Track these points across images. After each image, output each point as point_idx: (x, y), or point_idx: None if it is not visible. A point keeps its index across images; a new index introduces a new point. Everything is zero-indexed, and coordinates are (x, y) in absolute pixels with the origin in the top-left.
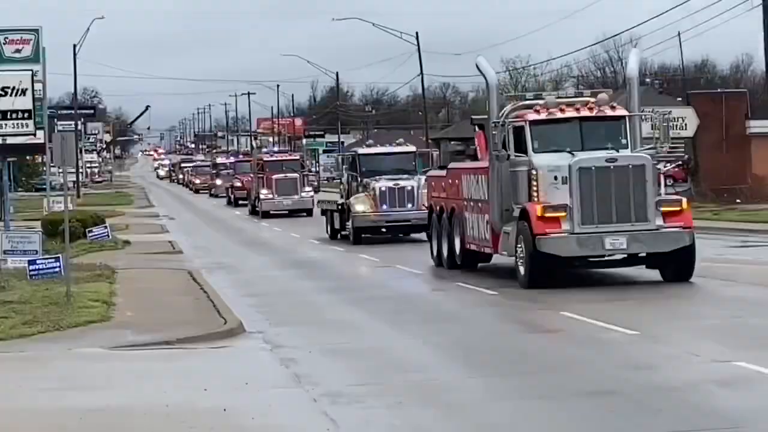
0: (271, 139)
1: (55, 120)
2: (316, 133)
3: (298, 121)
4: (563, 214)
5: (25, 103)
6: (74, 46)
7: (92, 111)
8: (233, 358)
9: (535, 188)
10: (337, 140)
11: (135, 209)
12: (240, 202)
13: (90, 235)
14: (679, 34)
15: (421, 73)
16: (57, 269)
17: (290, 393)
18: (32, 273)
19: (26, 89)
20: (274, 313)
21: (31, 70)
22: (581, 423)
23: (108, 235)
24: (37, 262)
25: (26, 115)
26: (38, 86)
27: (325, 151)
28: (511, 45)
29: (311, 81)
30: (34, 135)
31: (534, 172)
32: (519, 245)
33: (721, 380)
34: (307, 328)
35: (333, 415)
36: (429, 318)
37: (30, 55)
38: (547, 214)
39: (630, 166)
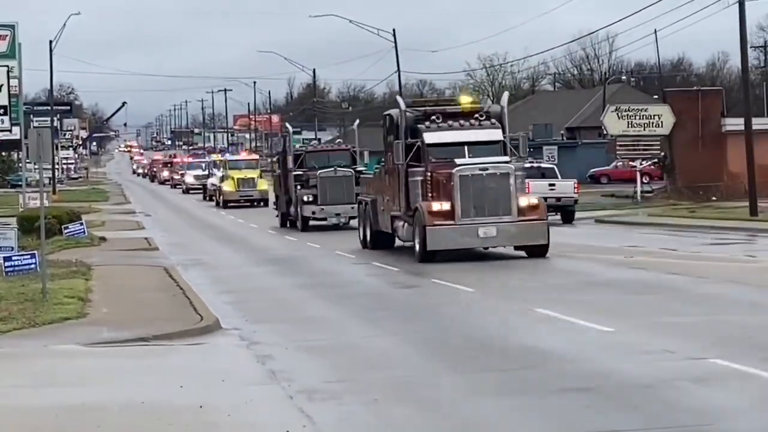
0: (247, 136)
1: (31, 116)
2: (293, 129)
3: (275, 118)
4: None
5: (0, 99)
6: (50, 42)
7: (68, 107)
8: (209, 354)
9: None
10: (314, 137)
11: (111, 206)
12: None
13: (66, 231)
14: (655, 31)
15: (398, 70)
16: (32, 266)
17: (266, 389)
18: (7, 269)
19: (1, 85)
20: (250, 309)
21: (7, 66)
22: (557, 419)
23: (84, 232)
24: (13, 258)
25: (1, 111)
26: (14, 82)
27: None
28: (488, 42)
29: (288, 78)
30: (10, 131)
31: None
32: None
33: (696, 377)
34: (283, 325)
35: (309, 412)
36: (404, 314)
37: (6, 51)
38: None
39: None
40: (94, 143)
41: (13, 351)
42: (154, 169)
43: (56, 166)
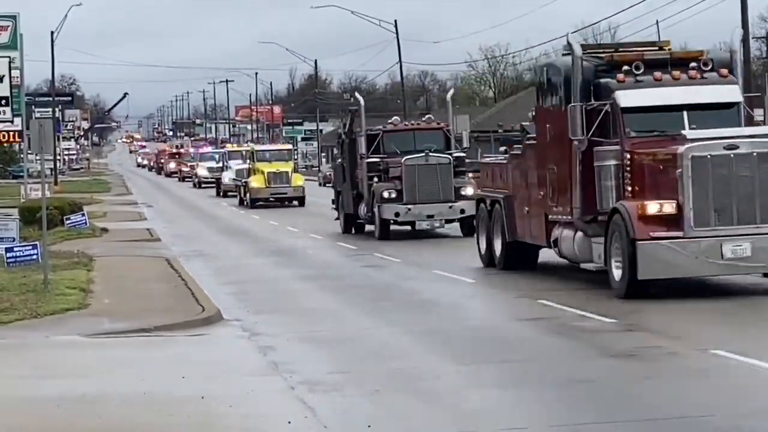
0: (249, 127)
1: (33, 107)
2: (295, 120)
3: (277, 109)
4: None
5: (2, 89)
6: (52, 32)
7: (70, 98)
8: (211, 345)
9: None
10: (315, 128)
11: (113, 197)
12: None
13: (67, 222)
14: (657, 22)
15: (400, 61)
16: (34, 256)
17: (268, 381)
18: (9, 260)
19: (3, 76)
20: (252, 300)
21: (9, 56)
22: (559, 411)
23: (86, 223)
24: (15, 249)
25: (3, 102)
26: (15, 73)
27: (303, 139)
28: (490, 33)
29: (290, 69)
30: (12, 122)
31: None
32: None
33: (699, 368)
34: (285, 316)
35: (311, 403)
36: (407, 306)
37: (7, 42)
38: None
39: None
40: (96, 134)
41: (15, 342)
42: (161, 161)
43: (58, 157)
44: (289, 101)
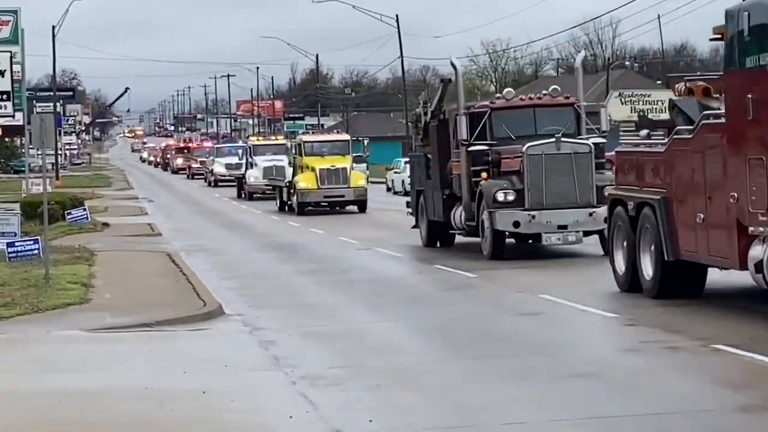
0: (250, 122)
1: (34, 102)
2: (296, 115)
3: (278, 104)
4: None
5: (3, 84)
6: (53, 27)
7: (71, 93)
8: (212, 340)
9: None
10: (317, 123)
11: (114, 191)
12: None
13: (69, 217)
14: (659, 16)
15: (401, 55)
16: (36, 251)
17: (269, 375)
18: (11, 255)
19: (4, 70)
20: (253, 295)
21: (10, 51)
22: (561, 405)
23: (87, 217)
24: (16, 244)
25: (5, 96)
26: (17, 68)
27: (304, 134)
28: (491, 28)
29: (291, 63)
30: (13, 117)
31: None
32: None
33: (702, 363)
34: (286, 311)
35: (312, 398)
36: (408, 301)
37: (9, 37)
38: None
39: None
40: (97, 129)
41: (16, 336)
42: (167, 157)
43: (59, 152)
44: (290, 96)
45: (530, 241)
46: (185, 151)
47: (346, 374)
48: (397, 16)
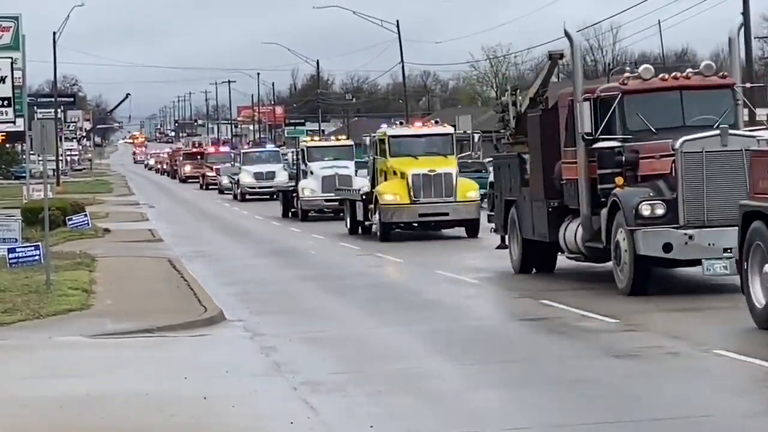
0: (251, 128)
1: (35, 108)
2: (297, 121)
3: (279, 110)
4: None
5: (4, 90)
6: (54, 33)
7: (72, 99)
8: (213, 346)
9: None
10: (317, 128)
11: (115, 197)
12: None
13: (70, 223)
14: (659, 22)
15: (402, 61)
16: (37, 257)
17: (270, 381)
18: (12, 261)
19: (5, 77)
20: (254, 301)
21: (11, 57)
22: (561, 410)
23: (88, 223)
24: (17, 250)
25: (5, 102)
26: (18, 74)
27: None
28: (492, 33)
29: (292, 69)
30: (14, 123)
31: None
32: None
33: (701, 368)
34: (287, 317)
35: (313, 403)
36: (410, 306)
37: (10, 43)
38: None
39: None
40: (98, 135)
41: (17, 342)
42: (175, 163)
43: (60, 158)
44: (291, 101)
45: (681, 264)
46: (198, 157)
47: (347, 380)
48: (397, 21)
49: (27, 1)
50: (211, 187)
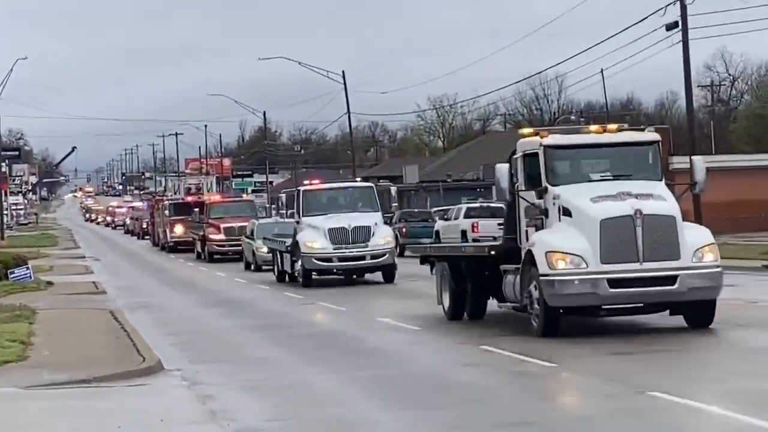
0: (202, 180)
1: None
2: (245, 173)
3: (227, 161)
4: None
5: None
6: None
7: (17, 153)
8: (150, 395)
9: None
10: (265, 180)
11: (60, 250)
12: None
13: (11, 276)
14: (602, 71)
15: (348, 112)
16: None
17: (205, 429)
18: None
19: None
20: (194, 350)
21: None
22: None
23: (30, 276)
24: None
25: None
26: None
27: (253, 191)
28: (437, 83)
29: (239, 120)
30: None
31: None
32: None
33: (636, 410)
34: (227, 366)
35: None
36: (350, 353)
37: None
38: None
39: None
40: (45, 189)
41: None
42: (154, 220)
43: (5, 212)
44: (239, 153)
45: None
46: (193, 210)
47: (283, 426)
48: (343, 72)
49: None
50: (217, 257)
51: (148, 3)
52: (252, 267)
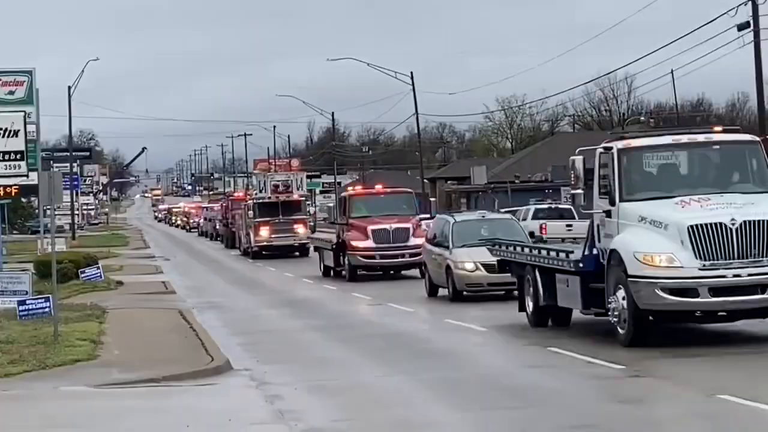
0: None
1: (52, 162)
2: (313, 173)
3: (295, 162)
4: None
5: (17, 144)
6: (69, 87)
7: (88, 153)
8: (218, 395)
9: None
10: (333, 180)
11: (130, 250)
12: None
13: (82, 275)
14: (672, 71)
15: (416, 112)
16: (47, 309)
17: (273, 428)
18: (22, 313)
19: (18, 130)
20: (262, 351)
21: (24, 111)
22: None
23: (101, 276)
24: (27, 302)
25: (18, 156)
26: (31, 128)
27: (321, 192)
28: (505, 84)
29: (308, 121)
30: (27, 176)
31: None
32: None
33: (705, 413)
34: (294, 366)
35: None
36: (416, 355)
37: (24, 97)
38: None
39: None
40: (115, 189)
41: (22, 393)
42: (228, 221)
43: (76, 212)
44: (307, 154)
45: None
46: (287, 208)
47: (349, 427)
48: (411, 73)
49: (42, 57)
50: (362, 274)
51: (216, 4)
52: (449, 292)
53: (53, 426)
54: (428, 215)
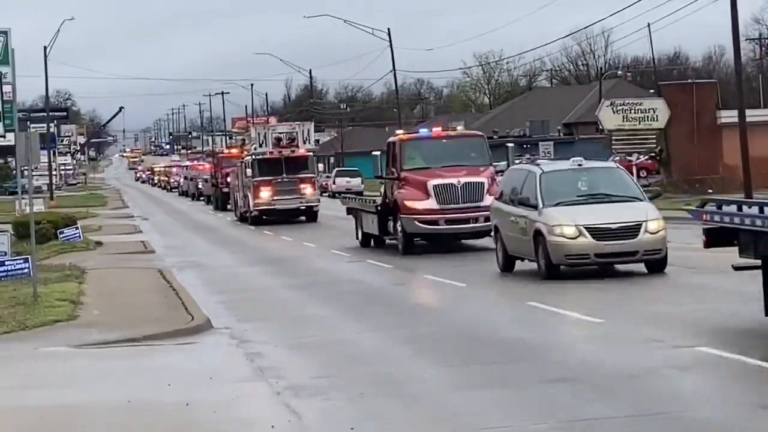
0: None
1: (29, 123)
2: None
3: (273, 120)
4: None
5: None
6: (44, 47)
7: (65, 113)
8: (198, 353)
9: None
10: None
11: (108, 210)
12: None
13: (61, 236)
14: (648, 25)
15: (394, 69)
16: (26, 270)
17: (254, 386)
18: (0, 275)
19: None
20: (242, 309)
21: (0, 72)
22: (542, 409)
23: (79, 236)
24: (6, 263)
25: None
26: (8, 88)
27: None
28: (483, 39)
29: (285, 79)
30: (4, 137)
31: None
32: None
33: (682, 365)
34: (274, 324)
35: (295, 407)
36: (395, 311)
37: None
38: None
39: None
40: (93, 149)
41: (2, 354)
42: (222, 179)
43: (54, 173)
44: (285, 112)
45: None
46: (292, 166)
47: (330, 384)
48: (388, 29)
49: (17, 16)
50: (419, 243)
51: None
52: (541, 267)
53: (34, 386)
54: None
